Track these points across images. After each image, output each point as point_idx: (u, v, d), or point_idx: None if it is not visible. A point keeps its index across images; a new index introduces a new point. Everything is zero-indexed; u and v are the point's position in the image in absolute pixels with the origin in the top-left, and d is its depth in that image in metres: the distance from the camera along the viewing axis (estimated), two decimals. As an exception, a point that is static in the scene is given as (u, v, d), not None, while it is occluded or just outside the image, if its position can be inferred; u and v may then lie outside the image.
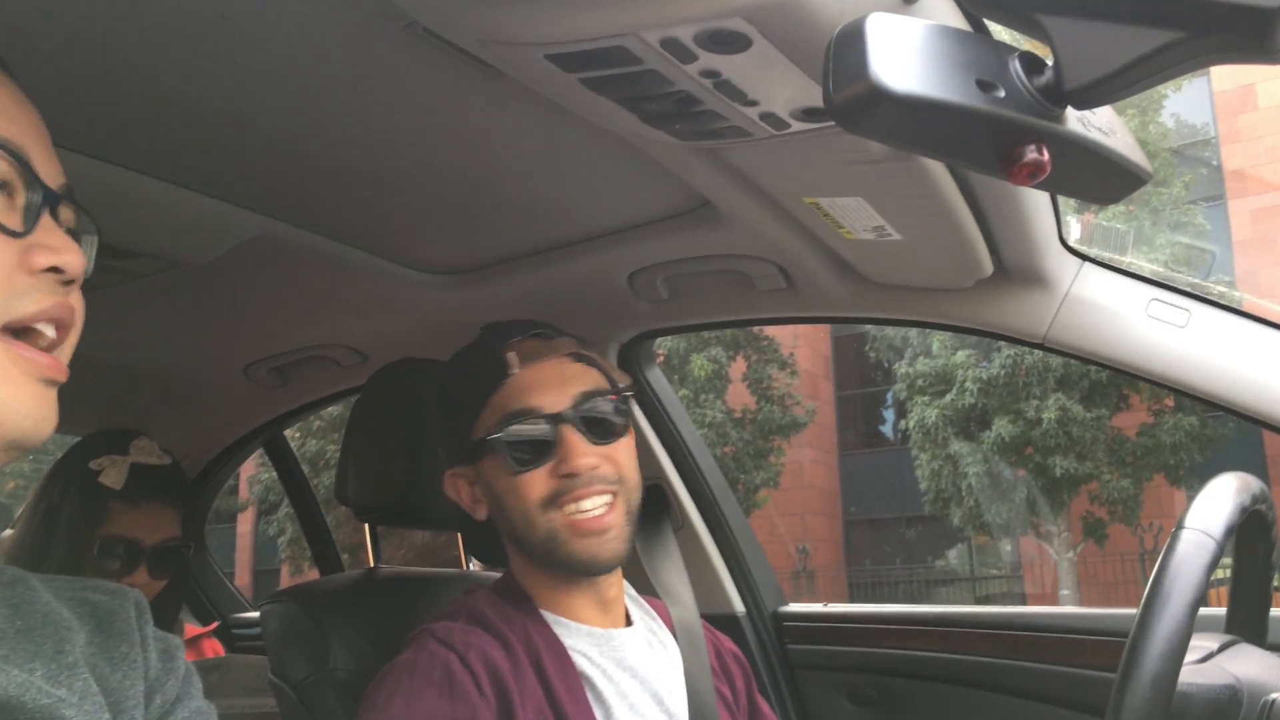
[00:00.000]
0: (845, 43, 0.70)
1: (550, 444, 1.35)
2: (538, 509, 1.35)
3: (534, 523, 1.35)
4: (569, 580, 1.40)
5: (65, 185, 0.84)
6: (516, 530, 1.38)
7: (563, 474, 1.34)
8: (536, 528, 1.35)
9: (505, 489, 1.37)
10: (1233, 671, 1.11)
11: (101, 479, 1.87)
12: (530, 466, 1.35)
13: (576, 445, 1.35)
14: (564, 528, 1.34)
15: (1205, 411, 16.10)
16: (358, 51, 1.18)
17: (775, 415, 18.28)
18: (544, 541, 1.35)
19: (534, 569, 1.41)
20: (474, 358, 1.44)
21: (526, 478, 1.35)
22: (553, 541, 1.35)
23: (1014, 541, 20.03)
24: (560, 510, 1.34)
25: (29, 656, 0.79)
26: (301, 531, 3.36)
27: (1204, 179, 18.63)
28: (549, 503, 1.35)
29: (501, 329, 1.45)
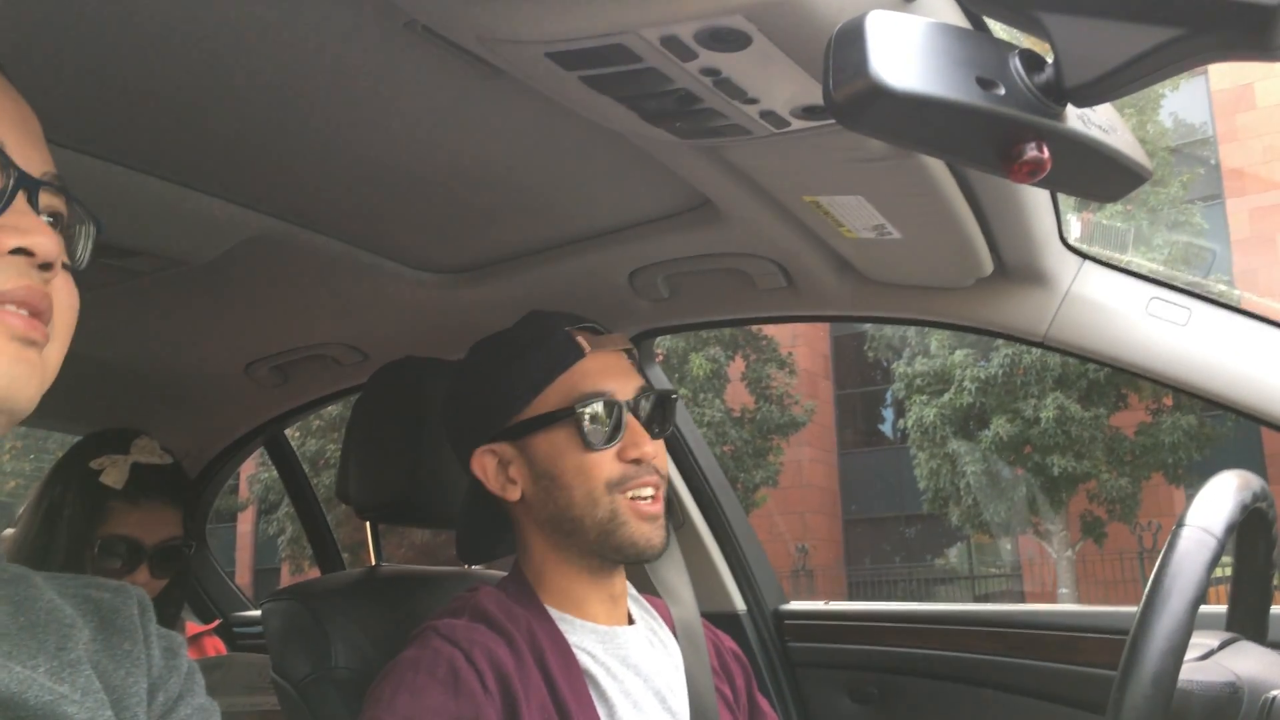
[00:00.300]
0: (845, 40, 0.70)
1: (620, 429, 1.39)
2: (604, 489, 1.37)
3: (598, 502, 1.37)
4: (591, 573, 1.42)
5: (52, 174, 0.84)
6: (572, 510, 1.38)
7: (629, 459, 1.38)
8: (599, 506, 1.37)
9: (569, 467, 1.38)
10: (1233, 669, 1.11)
11: (102, 479, 1.87)
12: (605, 446, 1.38)
13: (641, 434, 1.41)
14: (626, 509, 1.38)
15: (1203, 410, 16.11)
16: (357, 50, 1.18)
17: (774, 414, 18.28)
18: (604, 521, 1.37)
19: (558, 559, 1.42)
20: (533, 337, 1.45)
21: (598, 456, 1.38)
22: (613, 522, 1.37)
23: (1013, 540, 20.03)
24: (624, 494, 1.38)
25: (32, 653, 0.79)
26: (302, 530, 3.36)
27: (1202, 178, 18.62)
28: (614, 485, 1.38)
29: (553, 316, 1.48)
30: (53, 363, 0.81)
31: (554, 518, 1.40)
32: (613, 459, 1.38)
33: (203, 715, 0.92)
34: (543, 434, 1.39)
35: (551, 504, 1.40)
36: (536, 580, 1.43)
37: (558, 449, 1.39)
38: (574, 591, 1.42)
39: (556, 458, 1.39)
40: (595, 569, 1.42)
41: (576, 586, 1.42)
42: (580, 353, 1.42)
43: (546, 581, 1.43)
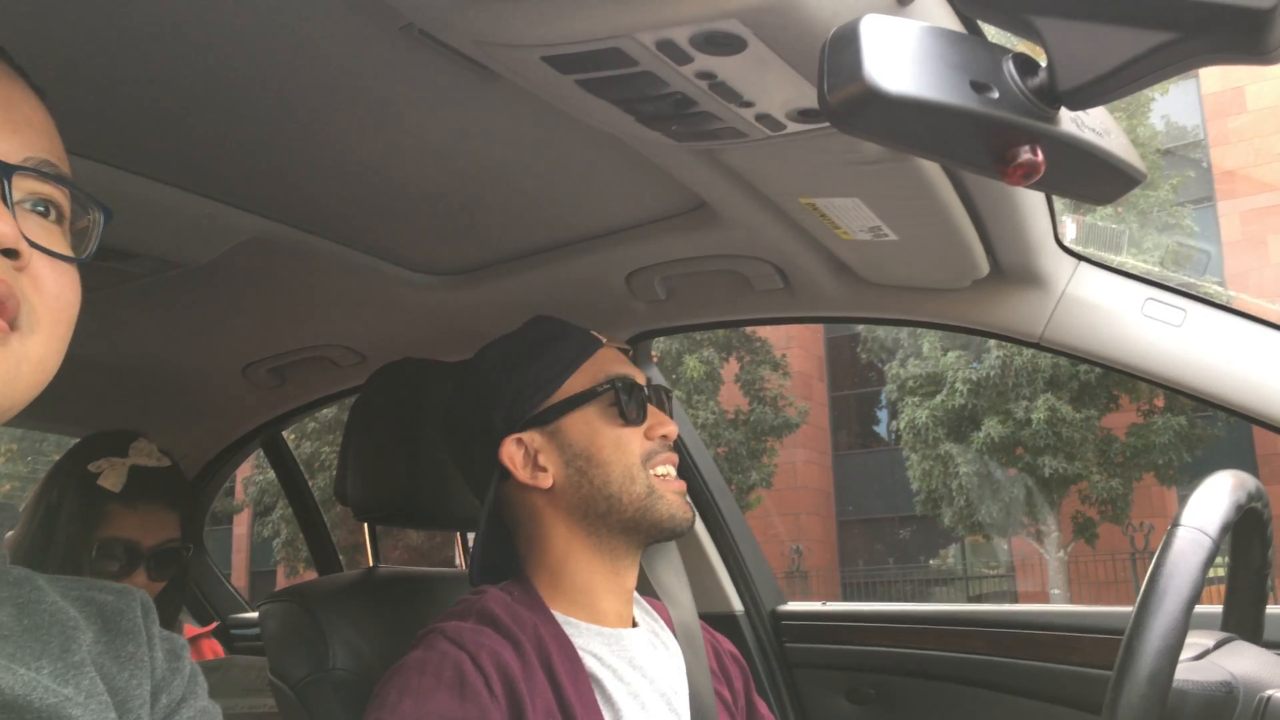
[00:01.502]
0: (840, 44, 0.70)
1: (644, 408, 1.47)
2: (639, 464, 1.42)
3: (636, 477, 1.42)
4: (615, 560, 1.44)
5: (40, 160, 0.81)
6: (610, 487, 1.41)
7: (655, 436, 1.45)
8: (637, 482, 1.42)
9: (606, 443, 1.43)
10: (1228, 669, 1.11)
11: (100, 481, 1.87)
12: (634, 424, 1.44)
13: (662, 414, 1.49)
14: (660, 484, 1.43)
15: (1194, 411, 16.14)
16: (354, 53, 1.19)
17: (768, 416, 18.28)
18: (642, 496, 1.41)
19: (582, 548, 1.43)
20: (551, 333, 1.50)
21: (632, 432, 1.44)
22: (651, 496, 1.42)
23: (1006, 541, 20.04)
24: (653, 470, 1.44)
25: (35, 655, 0.79)
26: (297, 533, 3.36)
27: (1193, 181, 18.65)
28: (645, 460, 1.43)
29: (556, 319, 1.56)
30: (35, 355, 0.77)
31: (588, 499, 1.42)
32: (642, 436, 1.44)
33: (205, 718, 0.92)
34: (576, 414, 1.43)
35: (587, 485, 1.42)
36: (549, 581, 1.43)
37: (592, 427, 1.43)
38: (590, 586, 1.42)
39: (593, 435, 1.43)
40: (620, 555, 1.44)
41: (595, 580, 1.43)
42: (599, 343, 1.50)
43: (562, 579, 1.43)
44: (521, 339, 1.51)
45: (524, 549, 1.48)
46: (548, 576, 1.44)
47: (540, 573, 1.45)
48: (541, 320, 1.55)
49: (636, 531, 1.43)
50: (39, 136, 0.82)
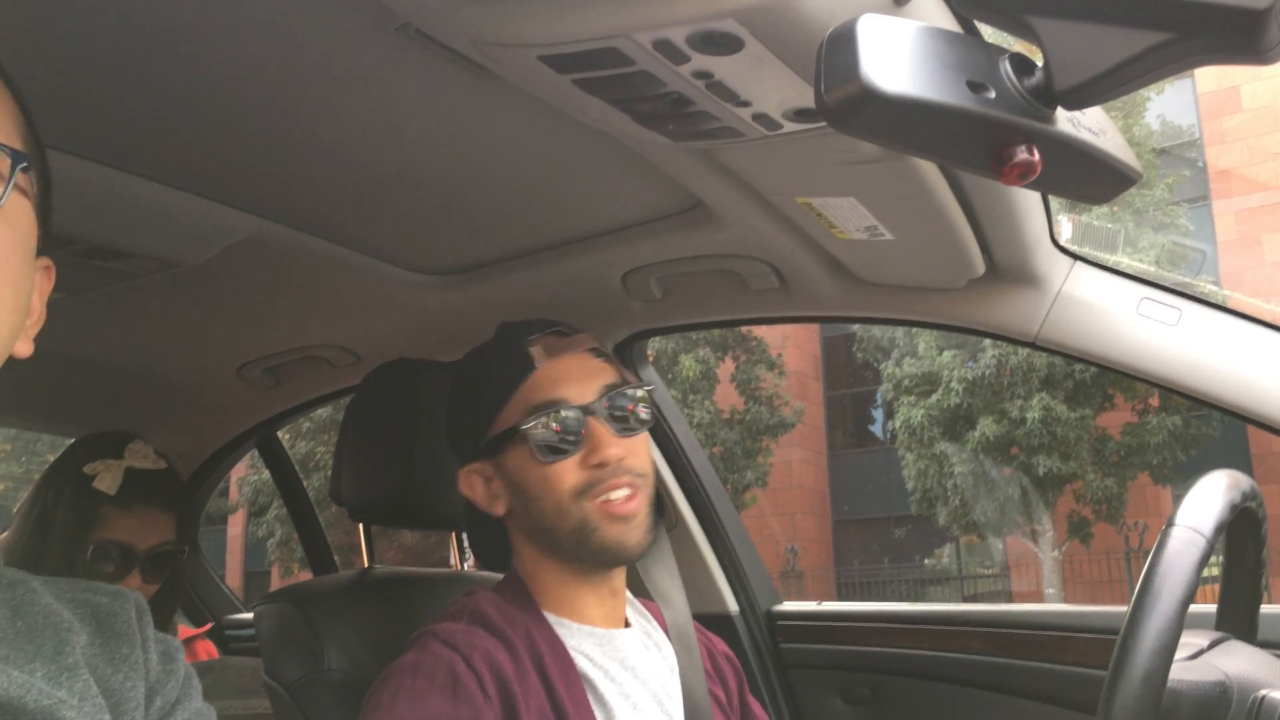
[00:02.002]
0: (837, 44, 0.70)
1: (579, 435, 1.37)
2: (570, 498, 1.36)
3: (566, 512, 1.36)
4: (584, 576, 1.41)
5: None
6: (545, 521, 1.38)
7: (593, 464, 1.36)
8: (568, 516, 1.36)
9: (534, 480, 1.38)
10: (1223, 668, 1.11)
11: (96, 483, 1.86)
12: (561, 456, 1.37)
13: (605, 436, 1.37)
14: (596, 514, 1.36)
15: (1189, 411, 16.18)
16: (350, 53, 1.18)
17: (763, 415, 18.29)
18: (576, 530, 1.36)
19: (549, 565, 1.42)
20: (495, 353, 1.45)
21: (558, 467, 1.36)
22: (584, 529, 1.36)
23: (1001, 540, 20.07)
24: (593, 500, 1.36)
25: (29, 657, 0.79)
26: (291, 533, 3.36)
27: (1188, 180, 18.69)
28: (581, 493, 1.36)
29: (519, 326, 1.46)
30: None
31: (534, 529, 1.41)
32: (576, 467, 1.37)
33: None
34: (509, 450, 1.40)
35: (528, 516, 1.40)
36: (533, 585, 1.43)
37: (521, 464, 1.39)
38: (570, 595, 1.42)
39: (522, 471, 1.39)
40: (587, 572, 1.42)
41: (572, 590, 1.42)
42: (530, 366, 1.41)
43: (543, 587, 1.42)
44: (476, 359, 1.48)
45: (514, 552, 1.48)
46: (531, 582, 1.44)
47: (525, 577, 1.45)
48: (499, 332, 1.49)
49: (582, 560, 1.40)
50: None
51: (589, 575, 1.42)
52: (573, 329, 1.49)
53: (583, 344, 1.46)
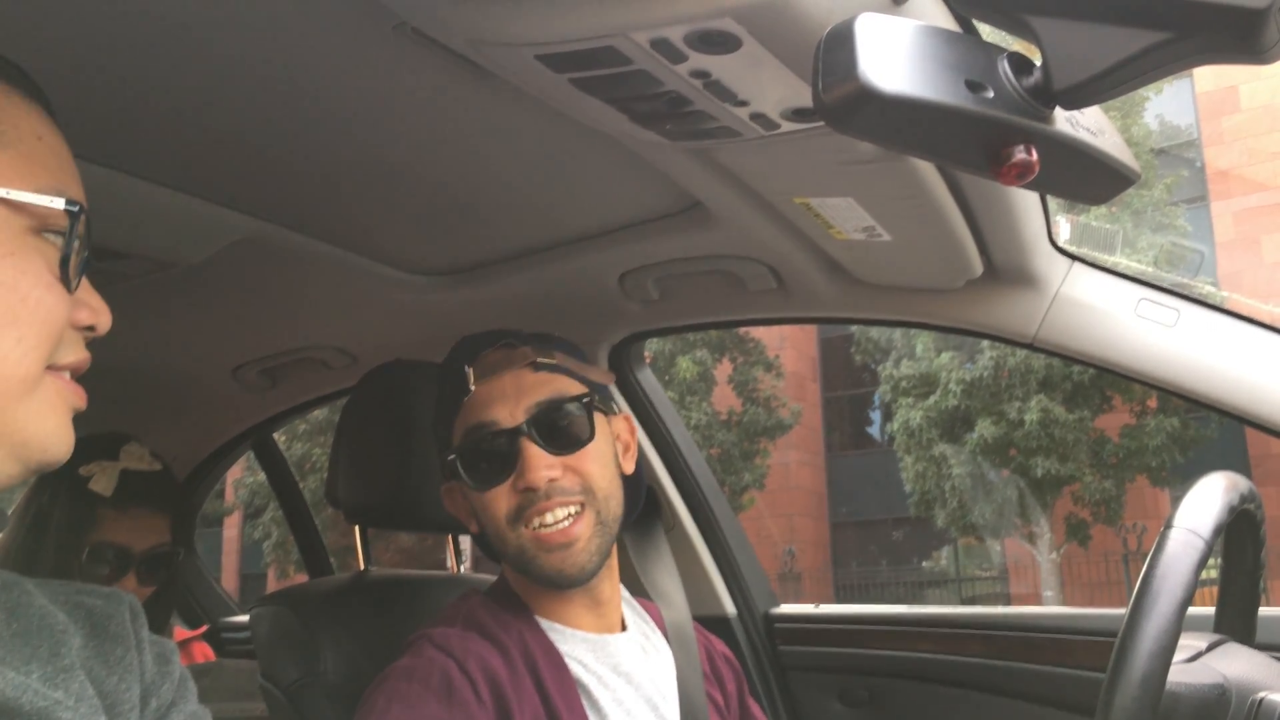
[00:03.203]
0: (834, 43, 0.70)
1: (509, 458, 1.32)
2: (505, 525, 1.33)
3: (504, 538, 1.34)
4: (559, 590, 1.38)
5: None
6: (493, 545, 1.39)
7: (521, 489, 1.31)
8: (507, 543, 1.34)
9: (477, 505, 1.37)
10: (1221, 671, 1.11)
11: (91, 485, 1.86)
12: (492, 483, 1.33)
13: (535, 458, 1.31)
14: (530, 543, 1.32)
15: (1187, 412, 16.19)
16: (347, 52, 1.18)
17: (761, 417, 18.29)
18: (515, 557, 1.34)
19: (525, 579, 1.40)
20: (443, 374, 1.43)
21: (490, 495, 1.33)
22: (522, 557, 1.33)
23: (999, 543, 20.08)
24: (526, 526, 1.32)
25: (25, 659, 0.80)
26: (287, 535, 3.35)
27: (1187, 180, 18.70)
28: (514, 519, 1.32)
29: (469, 342, 1.42)
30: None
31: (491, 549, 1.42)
32: (507, 492, 1.32)
33: None
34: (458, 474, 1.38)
35: (484, 537, 1.41)
36: (522, 592, 1.42)
37: (464, 488, 1.38)
38: (558, 604, 1.40)
39: (470, 495, 1.38)
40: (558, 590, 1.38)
41: (557, 600, 1.40)
42: (465, 389, 1.37)
43: (529, 594, 1.41)
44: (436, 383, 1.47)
45: None
46: (518, 588, 1.43)
47: (514, 584, 1.44)
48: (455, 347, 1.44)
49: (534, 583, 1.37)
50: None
51: (563, 590, 1.38)
52: (522, 340, 1.42)
53: (521, 359, 1.38)
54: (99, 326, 0.86)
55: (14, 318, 0.77)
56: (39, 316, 0.79)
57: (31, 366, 0.78)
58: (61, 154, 0.86)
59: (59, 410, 0.82)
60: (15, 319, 0.77)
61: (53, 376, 0.81)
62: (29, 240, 0.79)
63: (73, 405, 0.84)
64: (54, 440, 0.81)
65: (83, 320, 0.84)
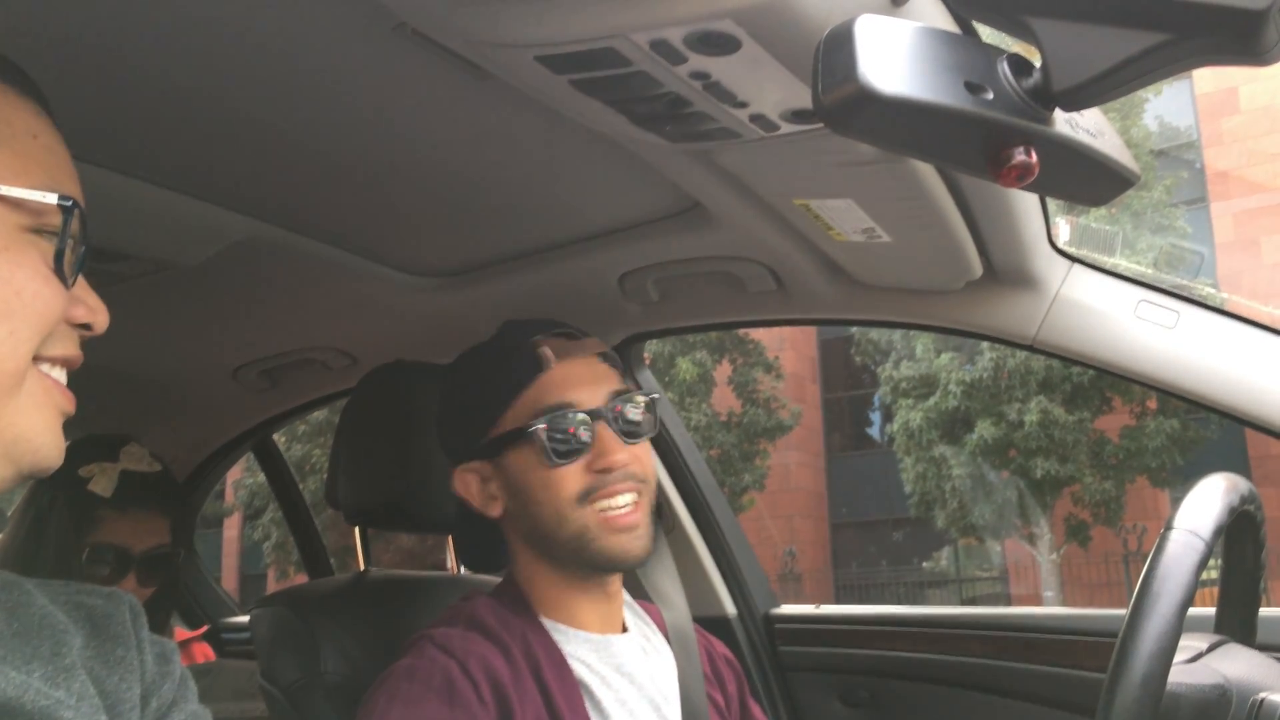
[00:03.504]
0: (834, 45, 0.70)
1: (587, 439, 1.37)
2: (570, 504, 1.35)
3: (566, 518, 1.35)
4: (581, 580, 1.40)
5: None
6: (543, 526, 1.37)
7: (598, 469, 1.36)
8: (568, 522, 1.35)
9: (535, 482, 1.37)
10: (1222, 671, 1.11)
11: (91, 486, 1.86)
12: (568, 460, 1.36)
13: (611, 442, 1.37)
14: (595, 524, 1.35)
15: (1187, 414, 16.19)
16: (346, 53, 1.18)
17: (761, 418, 18.29)
18: (574, 537, 1.36)
19: (545, 569, 1.41)
20: (500, 352, 1.44)
21: (562, 471, 1.35)
22: (583, 537, 1.35)
23: (999, 543, 20.08)
24: (592, 506, 1.35)
25: (26, 659, 0.80)
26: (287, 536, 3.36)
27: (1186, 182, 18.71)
28: (582, 498, 1.35)
29: (525, 325, 1.46)
30: None
31: (531, 532, 1.40)
32: (580, 471, 1.36)
33: None
34: (511, 451, 1.39)
35: (527, 519, 1.39)
36: (529, 590, 1.43)
37: (525, 465, 1.38)
38: (565, 601, 1.41)
39: (525, 474, 1.38)
40: (583, 578, 1.41)
41: (567, 596, 1.41)
42: (540, 366, 1.40)
43: (538, 592, 1.42)
44: (478, 357, 1.47)
45: (508, 556, 1.47)
46: (527, 587, 1.43)
47: (522, 582, 1.44)
48: (504, 330, 1.48)
49: (580, 566, 1.39)
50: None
51: (585, 580, 1.41)
52: (580, 331, 1.48)
53: (592, 348, 1.45)
54: (96, 325, 0.86)
55: (8, 311, 0.77)
56: (34, 310, 0.79)
57: (20, 360, 0.78)
58: (57, 152, 0.86)
59: (46, 410, 0.81)
60: (10, 312, 0.77)
61: (40, 374, 0.81)
62: (25, 237, 0.80)
63: (61, 408, 0.83)
64: (44, 439, 0.81)
65: (79, 317, 0.84)
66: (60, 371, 0.84)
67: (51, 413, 0.82)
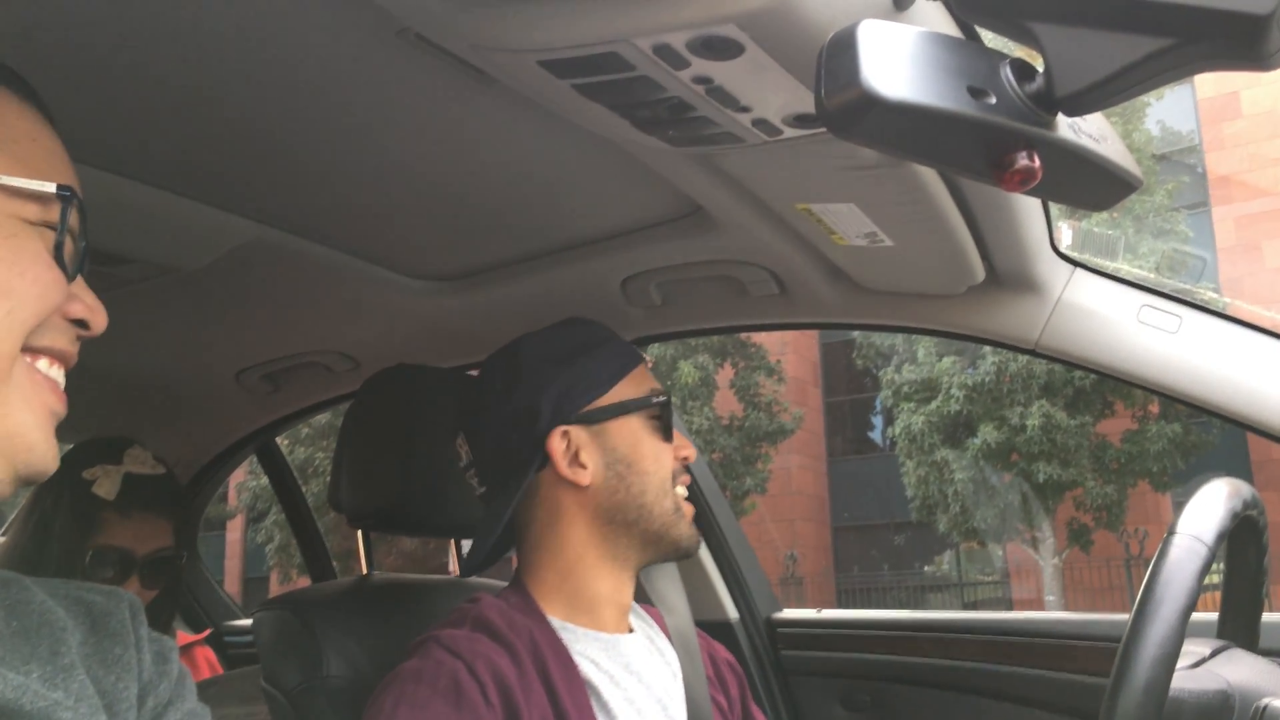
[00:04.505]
0: (837, 49, 0.70)
1: (672, 427, 1.48)
2: (669, 480, 1.44)
3: (668, 493, 1.43)
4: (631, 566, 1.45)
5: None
6: (644, 496, 1.42)
7: (681, 457, 1.47)
8: (668, 497, 1.43)
9: (649, 454, 1.44)
10: (1225, 677, 1.11)
11: (94, 489, 1.86)
12: (669, 440, 1.47)
13: (683, 436, 1.50)
14: (680, 505, 1.45)
15: (1189, 418, 16.18)
16: (350, 58, 1.18)
17: (762, 422, 18.29)
18: (669, 512, 1.43)
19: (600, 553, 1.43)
20: (601, 335, 1.51)
21: (668, 449, 1.46)
22: (676, 514, 1.44)
23: (1001, 547, 20.06)
24: (675, 489, 1.45)
25: (25, 658, 0.80)
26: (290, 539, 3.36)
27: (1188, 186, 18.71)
28: (672, 480, 1.45)
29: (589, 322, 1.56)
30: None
31: (620, 505, 1.41)
32: (670, 455, 1.46)
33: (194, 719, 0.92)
34: (624, 420, 1.44)
35: (624, 490, 1.41)
36: (554, 584, 1.42)
37: (637, 436, 1.43)
38: (593, 593, 1.41)
39: (636, 444, 1.43)
40: (629, 566, 1.45)
41: (599, 587, 1.42)
42: (640, 357, 1.51)
43: (567, 583, 1.41)
44: (569, 335, 1.49)
45: (531, 549, 1.45)
46: (554, 579, 1.42)
47: (545, 574, 1.43)
48: (580, 322, 1.54)
49: (654, 546, 1.44)
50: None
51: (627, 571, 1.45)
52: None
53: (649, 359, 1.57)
54: (93, 324, 0.86)
55: (8, 289, 0.77)
56: (34, 293, 0.79)
57: (11, 346, 0.78)
58: (57, 154, 0.86)
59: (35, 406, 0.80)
60: (9, 291, 0.77)
61: (28, 368, 0.80)
62: (27, 228, 0.81)
63: (51, 407, 0.82)
64: (36, 437, 0.79)
65: (75, 312, 0.84)
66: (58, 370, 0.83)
67: (42, 411, 0.80)
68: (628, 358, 1.49)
